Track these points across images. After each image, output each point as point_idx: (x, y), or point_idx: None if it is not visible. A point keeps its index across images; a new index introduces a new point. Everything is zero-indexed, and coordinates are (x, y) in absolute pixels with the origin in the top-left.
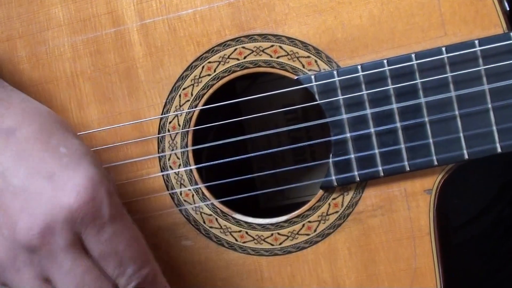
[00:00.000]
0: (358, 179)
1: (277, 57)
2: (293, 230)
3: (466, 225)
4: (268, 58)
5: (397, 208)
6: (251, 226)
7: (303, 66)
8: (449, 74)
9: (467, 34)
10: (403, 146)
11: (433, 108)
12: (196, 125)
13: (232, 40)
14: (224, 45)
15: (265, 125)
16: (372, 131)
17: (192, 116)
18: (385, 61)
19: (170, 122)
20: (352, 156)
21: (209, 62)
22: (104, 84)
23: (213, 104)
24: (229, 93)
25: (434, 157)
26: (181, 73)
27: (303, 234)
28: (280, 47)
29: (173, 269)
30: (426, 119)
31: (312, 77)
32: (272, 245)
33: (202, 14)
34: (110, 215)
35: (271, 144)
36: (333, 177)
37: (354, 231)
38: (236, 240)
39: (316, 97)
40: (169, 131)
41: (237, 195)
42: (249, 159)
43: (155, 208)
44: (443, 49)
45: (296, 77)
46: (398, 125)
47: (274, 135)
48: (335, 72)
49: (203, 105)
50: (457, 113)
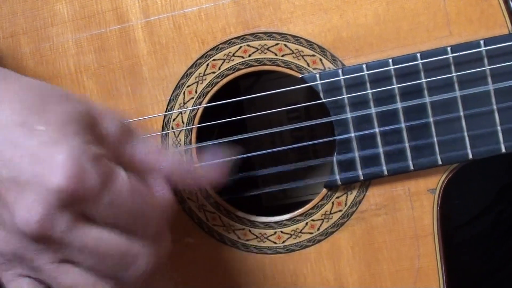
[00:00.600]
0: (362, 178)
1: (282, 55)
2: (296, 229)
3: (466, 225)
4: (273, 56)
5: (401, 207)
6: (254, 224)
7: (308, 65)
8: (454, 74)
9: (472, 34)
10: (407, 145)
11: (437, 107)
12: (200, 123)
13: (237, 38)
14: (229, 43)
15: (268, 123)
16: (377, 130)
17: (196, 113)
18: (390, 61)
19: (174, 120)
20: (356, 154)
21: (213, 60)
22: (108, 81)
23: (217, 102)
24: (233, 91)
25: (438, 156)
26: (185, 70)
27: (306, 233)
28: (285, 45)
29: (175, 267)
30: (431, 119)
31: (317, 75)
32: (275, 243)
33: (207, 12)
34: (101, 182)
35: (274, 143)
36: (337, 176)
37: (357, 230)
38: (239, 238)
39: (321, 95)
40: (172, 128)
41: (239, 193)
42: (252, 157)
43: None
44: (448, 49)
45: (301, 76)
46: (403, 124)
47: (277, 133)
48: (340, 71)
49: (207, 103)
50: (461, 113)
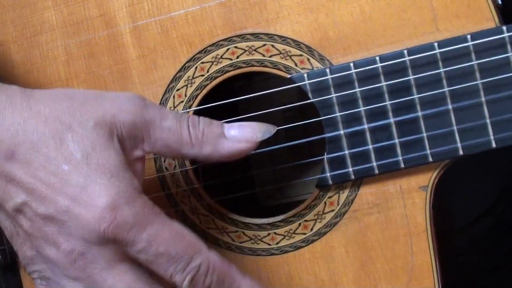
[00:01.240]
0: (353, 176)
1: (270, 56)
2: (290, 230)
3: (467, 226)
4: (261, 57)
5: (393, 205)
6: (247, 226)
7: (296, 65)
8: (441, 70)
9: (459, 28)
10: (397, 141)
11: (426, 104)
12: None
13: (225, 40)
14: (217, 45)
15: None
16: (366, 127)
17: None
18: (377, 58)
19: None
20: (346, 152)
21: (202, 63)
22: (98, 87)
23: (208, 104)
24: (227, 93)
25: (428, 151)
26: (174, 74)
27: (300, 233)
28: (273, 46)
29: None
30: (420, 114)
31: (305, 75)
32: (269, 244)
33: (193, 15)
34: (136, 224)
35: (268, 143)
36: (328, 174)
37: (350, 229)
38: (233, 241)
39: (309, 95)
40: None
41: (235, 194)
42: (246, 158)
43: None
44: (435, 44)
45: (289, 76)
46: (392, 121)
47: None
48: (327, 70)
49: (197, 106)
50: (450, 107)
